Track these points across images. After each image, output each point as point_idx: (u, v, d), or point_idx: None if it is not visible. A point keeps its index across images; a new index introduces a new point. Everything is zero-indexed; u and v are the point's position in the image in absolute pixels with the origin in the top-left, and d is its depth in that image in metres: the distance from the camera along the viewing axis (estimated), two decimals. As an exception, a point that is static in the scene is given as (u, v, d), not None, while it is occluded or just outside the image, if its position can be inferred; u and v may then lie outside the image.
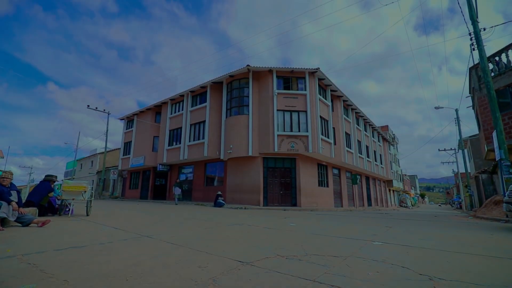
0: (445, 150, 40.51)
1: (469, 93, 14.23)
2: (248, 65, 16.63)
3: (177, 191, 16.68)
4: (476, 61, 11.81)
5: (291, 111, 16.82)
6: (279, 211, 13.29)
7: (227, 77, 18.17)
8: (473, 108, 14.39)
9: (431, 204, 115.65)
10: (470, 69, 12.23)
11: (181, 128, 21.03)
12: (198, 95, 20.59)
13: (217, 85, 19.48)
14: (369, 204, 28.93)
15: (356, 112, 25.19)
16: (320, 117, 17.60)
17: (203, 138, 18.86)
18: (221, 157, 18.00)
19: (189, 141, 19.80)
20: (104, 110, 29.91)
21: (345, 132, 21.85)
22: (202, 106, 19.53)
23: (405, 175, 56.80)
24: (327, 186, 20.05)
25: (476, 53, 9.75)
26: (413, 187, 73.17)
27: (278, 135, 16.09)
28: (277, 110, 16.64)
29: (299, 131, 16.48)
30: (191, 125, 20.23)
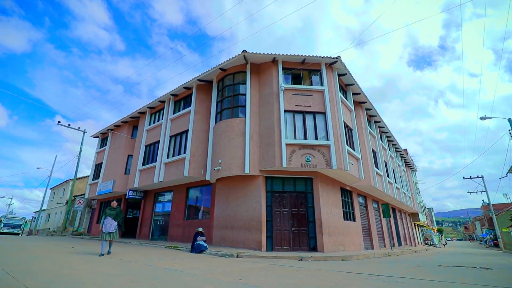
0: (470, 178, 35.31)
1: None
2: (244, 51, 12.28)
3: (108, 226, 8.18)
4: None
5: (304, 112, 12.08)
6: (293, 261, 7.91)
7: (218, 72, 13.79)
8: None
9: (448, 240, 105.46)
10: None
11: (158, 142, 16.21)
12: (182, 99, 16.08)
13: (205, 85, 15.05)
14: (399, 243, 22.92)
15: (379, 127, 20.49)
16: (344, 123, 12.87)
17: (184, 152, 13.95)
18: (207, 178, 12.91)
19: (167, 158, 14.84)
20: (79, 127, 25.58)
21: (371, 149, 16.90)
22: (186, 112, 14.90)
23: (425, 207, 50.38)
24: (354, 220, 14.58)
25: None
26: (431, 222, 65.74)
27: (287, 144, 11.18)
28: (285, 111, 11.94)
29: (316, 139, 11.58)
30: (170, 137, 15.43)
